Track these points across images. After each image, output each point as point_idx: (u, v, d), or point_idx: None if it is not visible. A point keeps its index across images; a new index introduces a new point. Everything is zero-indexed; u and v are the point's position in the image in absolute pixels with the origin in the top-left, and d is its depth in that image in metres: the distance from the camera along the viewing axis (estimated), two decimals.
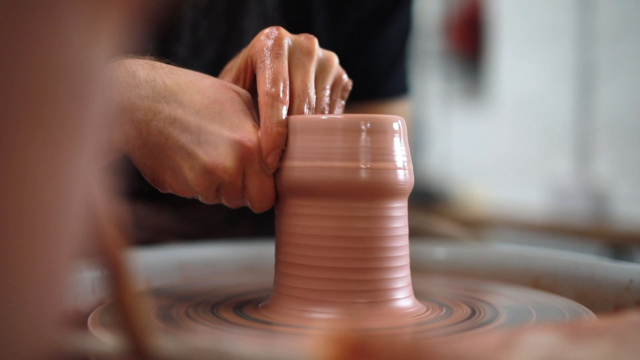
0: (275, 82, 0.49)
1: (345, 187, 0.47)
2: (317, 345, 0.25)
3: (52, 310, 0.21)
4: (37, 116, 0.18)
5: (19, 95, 0.18)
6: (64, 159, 0.20)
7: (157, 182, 0.51)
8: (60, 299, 0.21)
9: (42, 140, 0.19)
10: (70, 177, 0.20)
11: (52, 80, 0.19)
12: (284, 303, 0.49)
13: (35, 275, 0.20)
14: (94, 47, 0.20)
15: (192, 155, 0.48)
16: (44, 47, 0.18)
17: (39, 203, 0.19)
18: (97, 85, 0.20)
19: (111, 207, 0.27)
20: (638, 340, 0.29)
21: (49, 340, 0.21)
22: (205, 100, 0.49)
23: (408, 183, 0.49)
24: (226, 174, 0.48)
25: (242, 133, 0.48)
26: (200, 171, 0.48)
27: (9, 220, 0.18)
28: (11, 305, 0.19)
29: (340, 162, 0.47)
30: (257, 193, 0.50)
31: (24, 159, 0.18)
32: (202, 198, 0.51)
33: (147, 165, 0.50)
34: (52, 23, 0.18)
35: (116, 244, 0.28)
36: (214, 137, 0.48)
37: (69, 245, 0.21)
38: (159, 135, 0.48)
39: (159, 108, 0.48)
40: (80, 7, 0.19)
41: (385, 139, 0.48)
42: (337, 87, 0.54)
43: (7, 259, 0.19)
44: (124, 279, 0.28)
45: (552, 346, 0.28)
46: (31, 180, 0.19)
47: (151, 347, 0.29)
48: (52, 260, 0.20)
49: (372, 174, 0.47)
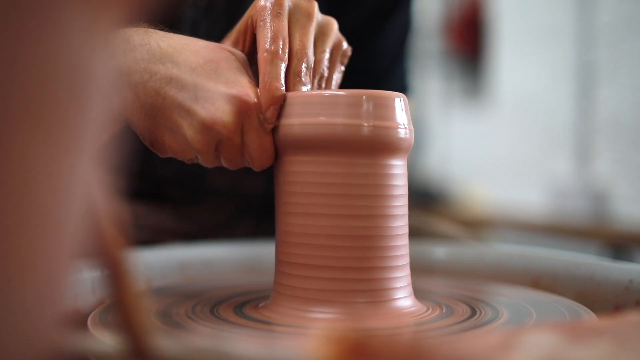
0: (275, 40, 0.50)
1: (347, 143, 0.47)
2: (317, 345, 0.25)
3: (52, 310, 0.21)
4: (37, 116, 0.18)
5: (19, 95, 0.18)
6: (64, 159, 0.20)
7: (156, 145, 0.51)
8: (60, 299, 0.21)
9: (42, 140, 0.19)
10: (70, 177, 0.20)
11: (52, 80, 0.19)
12: (283, 303, 0.49)
13: (35, 275, 0.20)
14: (94, 47, 0.20)
15: (190, 112, 0.48)
16: (44, 47, 0.18)
17: (39, 203, 0.19)
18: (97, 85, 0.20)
19: (111, 207, 0.27)
20: (638, 340, 0.29)
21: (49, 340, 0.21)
22: (200, 60, 0.49)
23: (408, 141, 0.50)
24: (225, 129, 0.48)
25: (238, 88, 0.49)
26: (198, 127, 0.48)
27: (9, 220, 0.18)
28: (11, 305, 0.19)
29: (342, 119, 0.47)
30: (256, 149, 0.50)
31: (24, 159, 0.18)
32: (202, 158, 0.51)
33: (146, 128, 0.50)
34: (52, 23, 0.18)
35: (116, 244, 0.28)
36: (210, 93, 0.48)
37: (69, 245, 0.21)
38: (156, 96, 0.48)
39: (154, 69, 0.49)
40: (80, 7, 0.19)
41: (387, 104, 0.48)
42: (337, 52, 0.54)
43: (7, 259, 0.19)
44: (124, 279, 0.28)
45: (552, 346, 0.28)
46: (31, 180, 0.19)
47: (151, 347, 0.29)
48: (52, 260, 0.20)
49: (374, 130, 0.47)
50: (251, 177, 0.82)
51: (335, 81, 0.55)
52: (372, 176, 0.48)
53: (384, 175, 0.48)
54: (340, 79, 0.55)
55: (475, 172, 3.23)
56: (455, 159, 3.42)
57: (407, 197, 0.51)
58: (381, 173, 0.48)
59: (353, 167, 0.48)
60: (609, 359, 0.28)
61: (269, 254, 0.56)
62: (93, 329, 0.44)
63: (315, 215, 0.48)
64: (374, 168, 0.48)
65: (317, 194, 0.48)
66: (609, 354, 0.28)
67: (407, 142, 0.49)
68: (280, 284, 0.50)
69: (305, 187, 0.48)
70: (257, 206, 0.83)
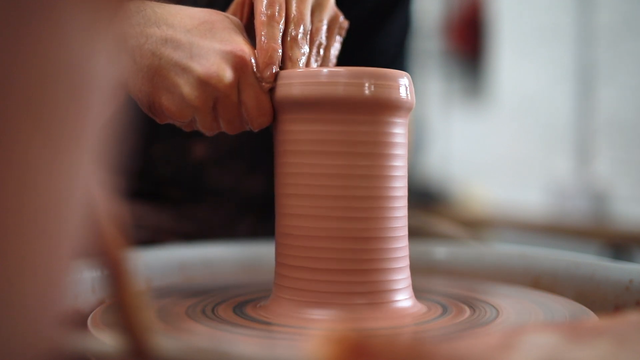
0: (272, 4, 0.51)
1: (348, 101, 0.47)
2: (317, 345, 0.25)
3: (52, 310, 0.21)
4: (37, 116, 0.18)
5: (19, 95, 0.18)
6: (64, 159, 0.20)
7: (153, 108, 0.51)
8: (60, 298, 0.21)
9: (43, 141, 0.19)
10: (70, 177, 0.20)
11: (52, 80, 0.19)
12: (283, 303, 0.49)
13: (35, 275, 0.20)
14: (94, 47, 0.20)
15: (186, 69, 0.49)
16: (44, 47, 0.18)
17: (40, 203, 0.19)
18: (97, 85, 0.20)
19: (111, 207, 0.27)
20: (638, 340, 0.29)
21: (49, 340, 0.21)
22: (195, 22, 0.50)
23: (409, 101, 0.49)
24: (221, 83, 0.48)
25: (233, 45, 0.49)
26: (195, 83, 0.49)
27: (9, 220, 0.18)
28: (12, 305, 0.19)
29: (343, 79, 0.47)
30: (254, 106, 0.50)
31: (24, 159, 0.18)
32: (200, 120, 0.51)
33: (143, 91, 0.50)
34: (52, 23, 0.18)
35: (116, 244, 0.28)
36: (205, 50, 0.49)
37: (69, 245, 0.21)
38: (152, 57, 0.49)
39: (150, 32, 0.49)
40: (80, 7, 0.19)
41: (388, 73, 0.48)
42: (334, 23, 0.55)
43: (7, 258, 0.19)
44: (124, 279, 0.28)
45: (552, 346, 0.28)
46: (31, 180, 0.19)
47: (151, 347, 0.29)
48: (52, 260, 0.20)
49: (375, 89, 0.47)
50: (251, 177, 0.82)
51: (335, 50, 0.55)
52: (373, 134, 0.48)
53: (385, 134, 0.48)
54: (339, 50, 0.56)
55: (475, 172, 3.23)
56: (455, 159, 3.42)
57: (406, 159, 0.51)
58: (382, 131, 0.48)
59: (353, 125, 0.47)
60: (609, 359, 0.28)
61: (268, 254, 0.56)
62: (93, 329, 0.44)
63: (314, 175, 0.48)
64: (375, 126, 0.48)
65: (317, 153, 0.48)
66: (609, 354, 0.28)
67: (408, 102, 0.49)
68: (280, 285, 0.50)
69: (304, 145, 0.48)
70: (257, 206, 0.83)
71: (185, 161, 0.80)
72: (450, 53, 3.45)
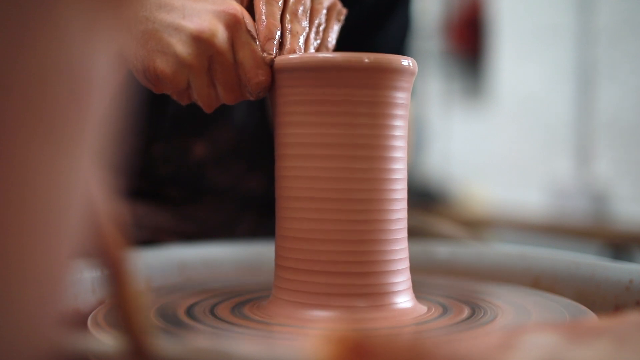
0: None
1: (348, 70, 0.47)
2: (317, 345, 0.25)
3: (52, 310, 0.21)
4: (37, 116, 0.18)
5: (19, 95, 0.18)
6: (64, 158, 0.20)
7: (148, 72, 0.51)
8: (60, 298, 0.21)
9: (43, 140, 0.19)
10: (70, 177, 0.20)
11: (52, 80, 0.19)
12: (283, 304, 0.49)
13: (35, 275, 0.20)
14: (94, 47, 0.20)
15: (179, 28, 0.49)
16: (44, 47, 0.18)
17: (39, 203, 0.19)
18: (97, 85, 0.20)
19: (111, 207, 0.27)
20: (638, 340, 0.29)
21: (49, 340, 0.21)
22: None
23: (411, 70, 0.49)
24: (214, 38, 0.49)
25: (225, 5, 0.50)
26: (188, 40, 0.49)
27: (9, 220, 0.18)
28: (12, 305, 0.19)
29: (342, 54, 0.47)
30: (250, 64, 0.50)
31: (24, 159, 0.18)
32: (195, 82, 0.51)
33: (138, 56, 0.51)
34: (52, 23, 0.18)
35: (116, 244, 0.28)
36: (197, 10, 0.50)
37: (69, 245, 0.21)
38: (147, 22, 0.50)
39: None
40: (80, 7, 0.19)
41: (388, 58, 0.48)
42: (333, 9, 0.56)
43: (7, 258, 0.19)
44: (124, 279, 0.28)
45: (552, 346, 0.28)
46: (31, 180, 0.19)
47: (151, 347, 0.29)
48: (52, 260, 0.20)
49: (375, 59, 0.47)
50: (251, 176, 0.82)
51: (334, 33, 0.55)
52: (374, 105, 0.47)
53: (386, 104, 0.48)
54: (338, 34, 0.56)
55: (475, 172, 3.23)
56: (455, 159, 3.42)
57: (406, 130, 0.50)
58: (383, 101, 0.48)
59: (353, 95, 0.47)
60: (609, 359, 0.28)
61: (268, 254, 0.56)
62: (93, 329, 0.44)
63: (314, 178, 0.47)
64: (376, 96, 0.48)
65: (317, 123, 0.47)
66: (609, 354, 0.28)
67: (409, 70, 0.49)
68: (280, 287, 0.50)
69: (303, 112, 0.48)
70: (257, 206, 0.83)
71: (185, 161, 0.80)
72: (450, 53, 3.45)
